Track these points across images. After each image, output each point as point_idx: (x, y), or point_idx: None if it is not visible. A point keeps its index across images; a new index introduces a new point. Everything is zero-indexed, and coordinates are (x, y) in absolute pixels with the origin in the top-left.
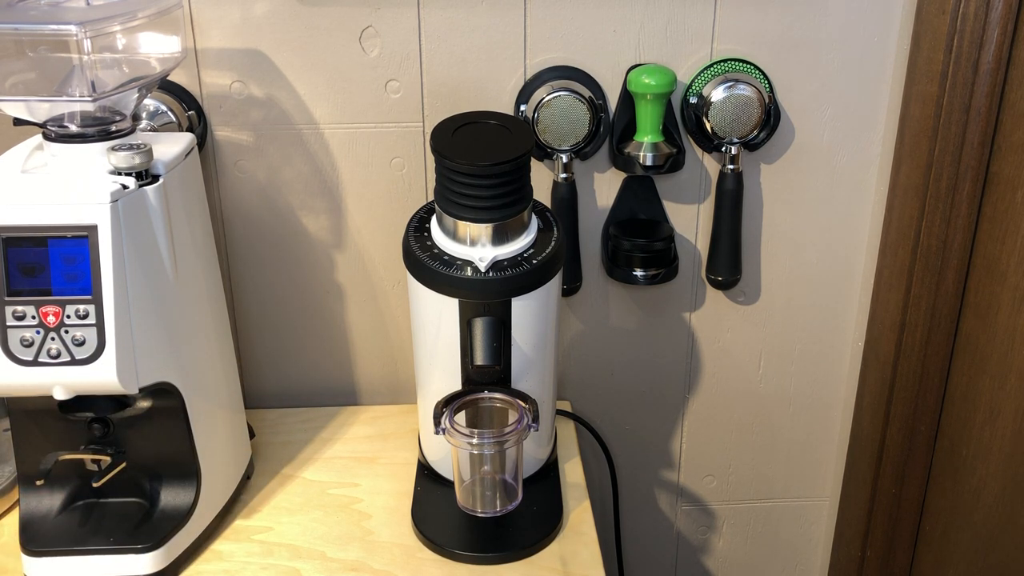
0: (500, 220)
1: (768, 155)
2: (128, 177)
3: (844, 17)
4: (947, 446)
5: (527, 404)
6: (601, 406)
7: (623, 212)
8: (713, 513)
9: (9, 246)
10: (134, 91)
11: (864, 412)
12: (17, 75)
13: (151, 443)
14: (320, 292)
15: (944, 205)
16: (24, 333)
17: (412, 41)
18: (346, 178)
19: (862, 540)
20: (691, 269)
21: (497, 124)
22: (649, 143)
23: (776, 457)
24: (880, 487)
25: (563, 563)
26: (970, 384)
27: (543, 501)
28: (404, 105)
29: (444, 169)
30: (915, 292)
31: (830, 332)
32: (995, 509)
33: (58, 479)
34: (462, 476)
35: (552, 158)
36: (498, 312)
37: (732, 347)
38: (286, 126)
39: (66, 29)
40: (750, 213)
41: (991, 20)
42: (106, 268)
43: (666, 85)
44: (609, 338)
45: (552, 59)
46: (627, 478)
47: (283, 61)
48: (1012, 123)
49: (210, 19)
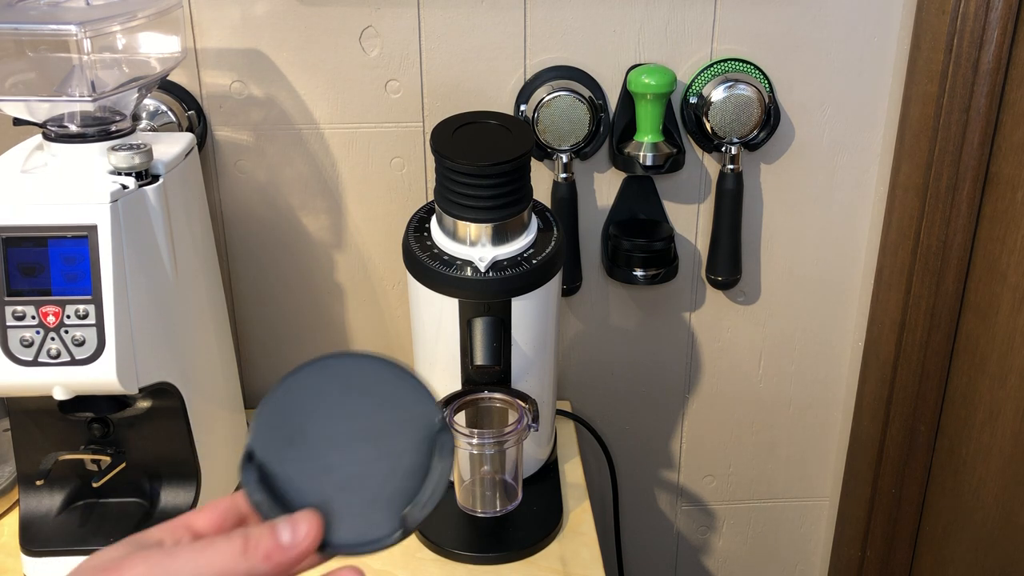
0: (500, 220)
1: (768, 155)
2: (128, 177)
3: (844, 17)
4: (947, 446)
5: (527, 404)
6: (601, 406)
7: (623, 212)
8: (713, 513)
9: (9, 246)
10: (134, 91)
11: (864, 412)
12: (17, 75)
13: (151, 443)
14: (320, 292)
15: (944, 205)
16: (24, 333)
17: (412, 41)
18: (346, 178)
19: (862, 540)
20: (691, 269)
21: (497, 124)
22: (649, 143)
23: (776, 457)
24: (880, 487)
25: (563, 563)
26: (970, 384)
27: (543, 501)
28: (404, 105)
29: (444, 169)
30: (915, 292)
31: (830, 332)
32: (995, 509)
33: (58, 479)
34: (462, 476)
35: (552, 158)
36: (498, 312)
37: (732, 347)
38: (286, 126)
39: (66, 29)
40: (750, 213)
41: (991, 20)
42: (106, 268)
43: (666, 85)
44: (609, 338)
45: (552, 59)
46: (627, 478)
47: (283, 61)
48: (1012, 123)
49: (210, 19)
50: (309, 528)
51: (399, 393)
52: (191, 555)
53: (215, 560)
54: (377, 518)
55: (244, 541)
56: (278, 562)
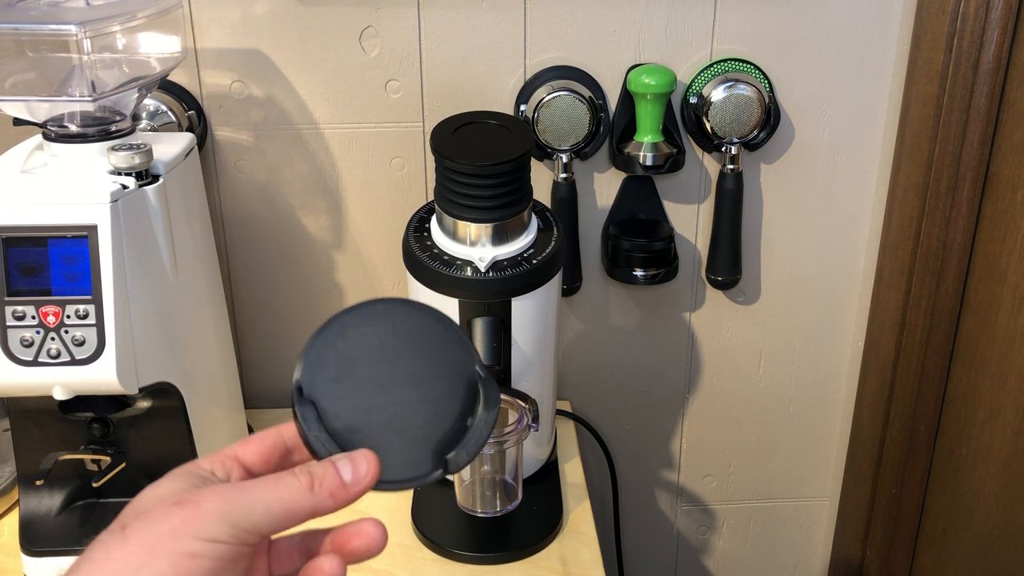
0: (500, 220)
1: (768, 155)
2: (128, 177)
3: (844, 17)
4: (947, 446)
5: (527, 404)
6: (601, 406)
7: (623, 212)
8: (713, 513)
9: (9, 246)
10: (134, 91)
11: (864, 412)
12: (17, 75)
13: (151, 443)
14: (320, 292)
15: (944, 205)
16: (24, 333)
17: (412, 41)
18: (346, 178)
19: (862, 540)
20: (691, 269)
21: (497, 124)
22: (649, 143)
23: (776, 457)
24: (880, 487)
25: (563, 563)
26: (970, 384)
27: (543, 501)
28: (404, 105)
29: (444, 169)
30: (915, 292)
31: (830, 332)
32: (995, 509)
33: (58, 479)
34: (462, 476)
35: (552, 158)
36: (498, 312)
37: (732, 347)
38: (286, 126)
39: (66, 29)
40: (750, 213)
41: (991, 20)
42: (106, 268)
43: (666, 85)
44: (609, 338)
45: (552, 59)
46: (627, 478)
47: (283, 61)
48: (1012, 123)
49: (210, 19)
50: (368, 467)
51: (444, 343)
52: (262, 491)
53: (284, 496)
54: (417, 456)
55: (310, 479)
56: (340, 499)
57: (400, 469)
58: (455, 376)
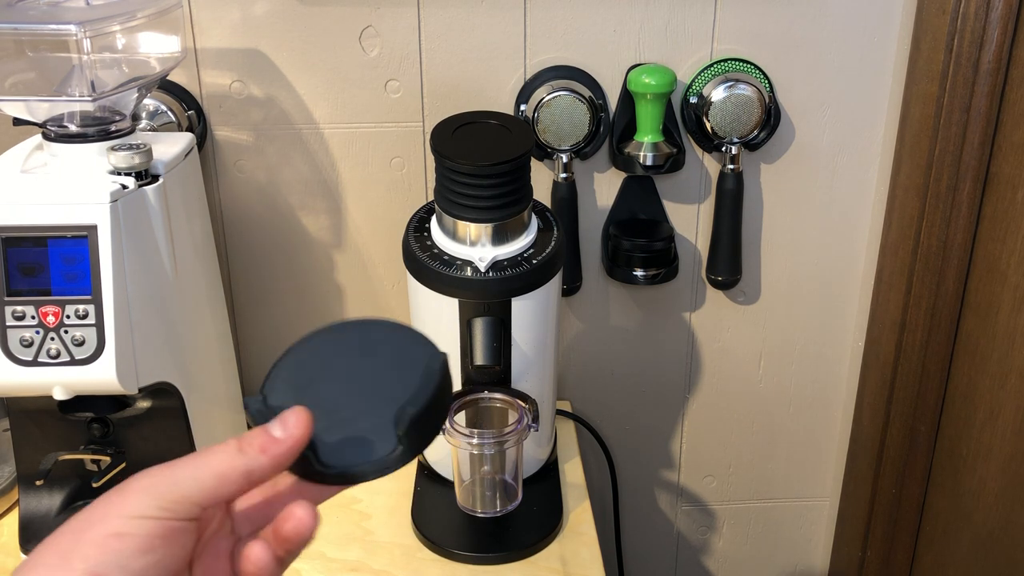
0: (500, 220)
1: (768, 155)
2: (128, 177)
3: (844, 17)
4: (947, 446)
5: (527, 404)
6: (601, 406)
7: (623, 212)
8: (713, 513)
9: (9, 246)
10: (134, 91)
11: (864, 412)
12: (17, 75)
13: (151, 443)
14: (320, 292)
15: (944, 205)
16: (24, 333)
17: (412, 41)
18: (346, 178)
19: (862, 540)
20: (691, 269)
21: (497, 124)
22: (649, 143)
23: (776, 457)
24: (880, 487)
25: (563, 563)
26: (970, 384)
27: (543, 501)
28: (404, 105)
29: (444, 169)
30: (915, 292)
31: (830, 332)
32: (995, 509)
33: (58, 479)
34: (462, 476)
35: (552, 158)
36: (498, 312)
37: (732, 347)
38: (286, 126)
39: (66, 29)
40: (750, 213)
41: (991, 20)
42: (106, 268)
43: (666, 85)
44: (609, 338)
45: (552, 59)
46: (627, 478)
47: (283, 61)
48: (1012, 123)
49: (210, 19)
50: (298, 419)
51: (401, 349)
52: (190, 461)
53: (213, 462)
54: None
55: (238, 441)
56: (274, 454)
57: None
58: (412, 371)
